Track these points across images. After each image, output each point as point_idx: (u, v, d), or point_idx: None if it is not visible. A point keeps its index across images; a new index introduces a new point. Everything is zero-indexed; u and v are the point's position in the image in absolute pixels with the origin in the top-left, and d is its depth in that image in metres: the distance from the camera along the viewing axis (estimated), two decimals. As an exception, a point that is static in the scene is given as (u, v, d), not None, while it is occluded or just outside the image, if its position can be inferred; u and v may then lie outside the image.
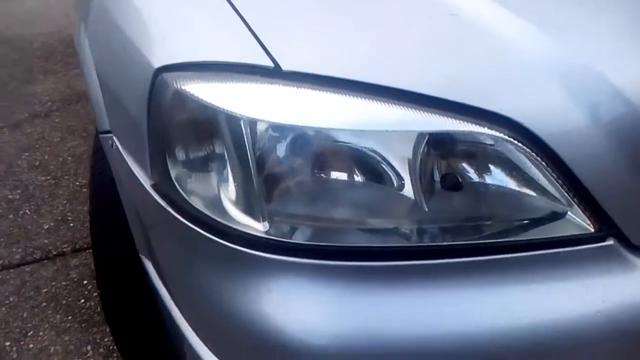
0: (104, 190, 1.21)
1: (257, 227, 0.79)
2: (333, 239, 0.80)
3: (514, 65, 0.79)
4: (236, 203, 0.82)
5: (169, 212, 0.86)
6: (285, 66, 0.79)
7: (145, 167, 0.93)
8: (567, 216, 0.79)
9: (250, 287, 0.79)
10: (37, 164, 2.58)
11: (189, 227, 0.83)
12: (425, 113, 0.76)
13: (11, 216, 2.25)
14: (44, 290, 1.89)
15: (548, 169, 0.77)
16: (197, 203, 0.84)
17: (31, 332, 1.74)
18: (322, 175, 0.80)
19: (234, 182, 0.81)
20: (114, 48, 1.03)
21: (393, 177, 0.80)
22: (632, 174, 0.77)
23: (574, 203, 0.78)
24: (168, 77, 0.84)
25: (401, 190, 0.80)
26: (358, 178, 0.81)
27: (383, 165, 0.80)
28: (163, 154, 0.88)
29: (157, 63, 0.86)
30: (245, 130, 0.78)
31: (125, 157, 1.01)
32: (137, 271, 1.08)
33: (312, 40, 0.83)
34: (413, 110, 0.76)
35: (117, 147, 1.04)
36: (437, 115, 0.76)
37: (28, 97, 3.22)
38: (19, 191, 2.40)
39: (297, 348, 0.75)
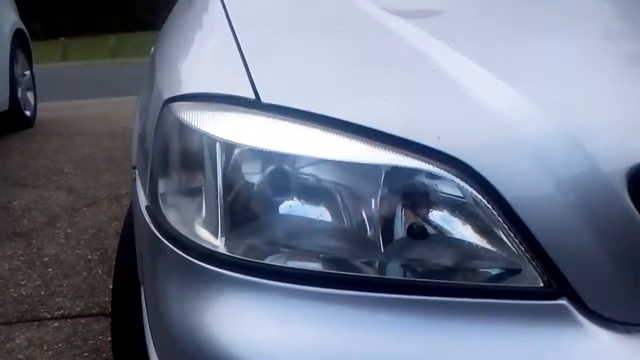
0: (129, 226, 1.29)
1: (214, 243, 0.83)
2: (286, 261, 0.82)
3: (486, 120, 0.80)
4: (204, 222, 0.86)
5: (151, 230, 0.92)
6: (265, 99, 0.85)
7: (145, 191, 1.00)
8: (522, 272, 0.77)
9: (197, 300, 0.81)
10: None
11: (161, 241, 0.88)
12: (386, 150, 0.79)
13: (84, 273, 2.41)
14: (90, 342, 1.97)
15: (503, 224, 0.76)
16: (173, 220, 0.89)
17: (66, 376, 1.81)
18: (284, 201, 0.83)
19: (205, 202, 0.86)
20: (146, 88, 1.15)
21: (354, 214, 0.82)
22: (595, 241, 0.74)
23: (526, 259, 0.76)
24: (171, 107, 0.93)
25: (362, 230, 0.82)
26: (318, 210, 0.83)
27: (345, 201, 0.82)
28: (157, 175, 0.95)
29: (166, 95, 0.95)
30: (220, 153, 0.84)
31: (137, 187, 1.09)
32: (134, 297, 1.13)
33: (295, 78, 0.90)
34: (374, 146, 0.79)
35: (137, 180, 1.13)
36: (396, 154, 0.78)
37: (134, 177, 3.49)
38: (98, 253, 2.57)
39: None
